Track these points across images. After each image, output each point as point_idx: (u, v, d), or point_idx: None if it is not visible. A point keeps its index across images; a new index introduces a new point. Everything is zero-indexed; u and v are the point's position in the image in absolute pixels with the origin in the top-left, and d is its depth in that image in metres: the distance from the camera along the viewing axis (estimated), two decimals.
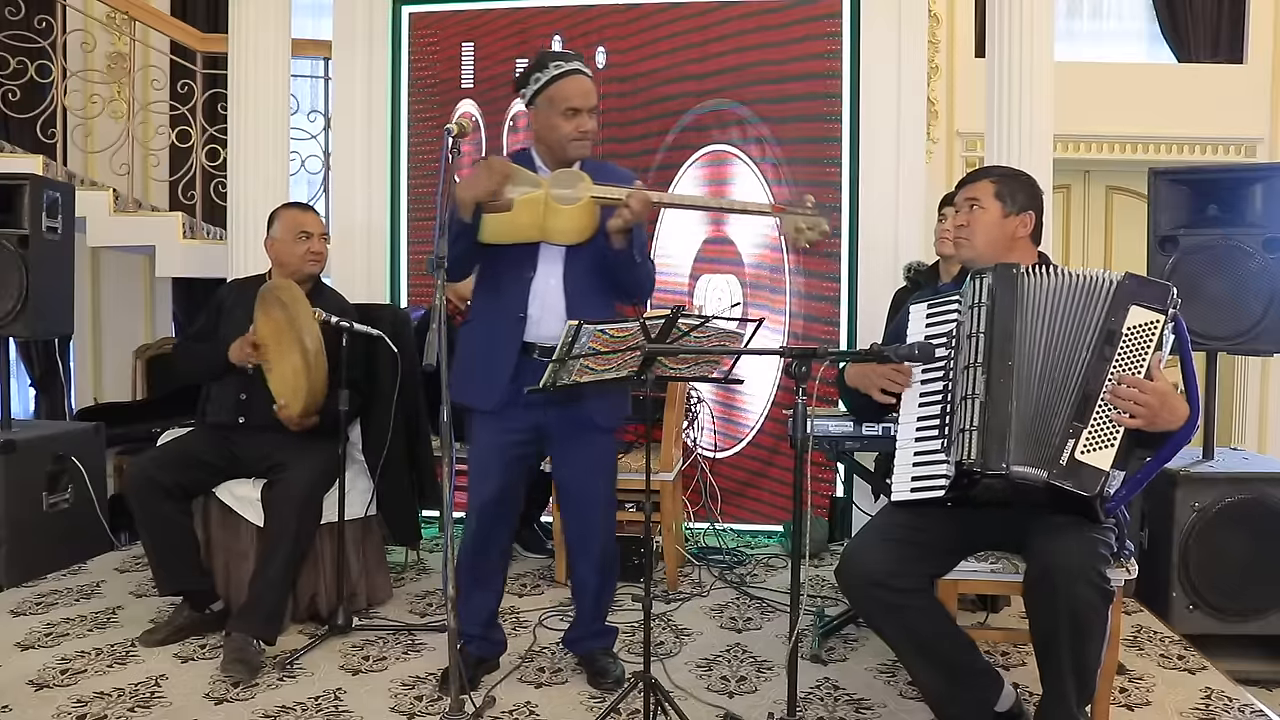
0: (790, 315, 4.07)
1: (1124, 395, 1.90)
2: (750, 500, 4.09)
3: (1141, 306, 1.95)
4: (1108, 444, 1.90)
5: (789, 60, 4.05)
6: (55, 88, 5.03)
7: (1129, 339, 1.94)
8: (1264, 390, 5.99)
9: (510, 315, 2.43)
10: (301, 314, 2.77)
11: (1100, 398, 1.92)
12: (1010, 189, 2.20)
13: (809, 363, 1.92)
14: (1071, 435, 1.91)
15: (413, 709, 2.41)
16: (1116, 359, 1.93)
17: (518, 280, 2.43)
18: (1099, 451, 1.90)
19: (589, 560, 2.58)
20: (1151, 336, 1.93)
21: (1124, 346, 1.93)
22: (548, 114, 2.38)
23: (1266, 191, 3.08)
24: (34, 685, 2.52)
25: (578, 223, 2.36)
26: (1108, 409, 1.91)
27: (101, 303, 6.05)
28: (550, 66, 2.39)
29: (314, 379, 2.77)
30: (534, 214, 2.35)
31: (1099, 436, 1.91)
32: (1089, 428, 1.91)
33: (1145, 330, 1.94)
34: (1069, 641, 1.89)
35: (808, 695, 2.48)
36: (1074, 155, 5.94)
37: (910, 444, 2.08)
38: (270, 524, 2.78)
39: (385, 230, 4.36)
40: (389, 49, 4.34)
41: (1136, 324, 1.94)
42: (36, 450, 3.53)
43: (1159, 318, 1.94)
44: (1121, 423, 1.90)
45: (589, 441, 2.51)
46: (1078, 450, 1.90)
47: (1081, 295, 2.01)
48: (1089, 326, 1.97)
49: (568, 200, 2.34)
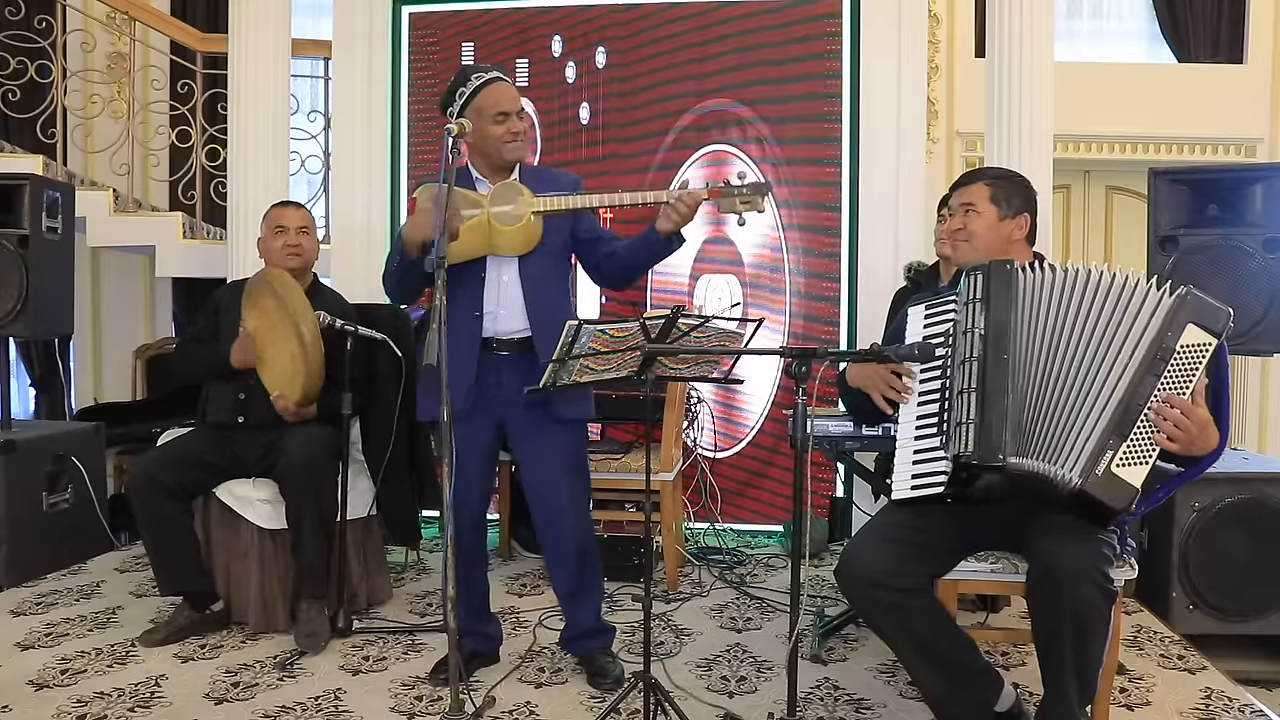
0: (790, 315, 4.07)
1: (1168, 417, 1.86)
2: (750, 500, 4.09)
3: (1199, 327, 1.89)
4: (1143, 461, 1.86)
5: (789, 60, 4.04)
6: (55, 88, 5.03)
7: (1180, 358, 1.88)
8: (1264, 390, 6.00)
9: (467, 316, 2.45)
10: (296, 300, 2.76)
11: (1143, 414, 1.88)
12: (1005, 192, 2.19)
13: (809, 363, 1.92)
14: (1110, 448, 1.87)
15: (413, 709, 2.41)
16: (1165, 377, 1.88)
17: (471, 281, 2.46)
18: (1134, 468, 1.86)
19: (563, 564, 2.56)
20: (1202, 359, 1.88)
21: (1174, 365, 1.88)
22: (478, 123, 2.43)
23: (1266, 191, 3.08)
24: (34, 685, 2.52)
25: (521, 238, 2.43)
26: (1150, 427, 1.87)
27: (101, 303, 6.05)
28: (472, 79, 2.46)
29: (311, 365, 2.77)
30: (479, 235, 2.41)
31: (1136, 453, 1.87)
32: (1128, 442, 1.87)
33: (1197, 352, 1.88)
34: (1072, 641, 1.88)
35: (808, 695, 2.48)
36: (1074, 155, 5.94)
37: (910, 442, 2.08)
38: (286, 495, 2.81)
39: (385, 230, 4.36)
40: (389, 49, 4.34)
41: (1191, 343, 1.88)
42: (36, 450, 3.53)
43: (1213, 341, 1.89)
44: (1159, 443, 1.87)
45: (550, 436, 2.50)
46: (1114, 463, 1.86)
47: (1109, 296, 1.96)
48: (1130, 334, 1.92)
49: (509, 218, 2.40)
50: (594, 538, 2.61)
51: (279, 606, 2.91)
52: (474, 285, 2.47)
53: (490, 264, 2.47)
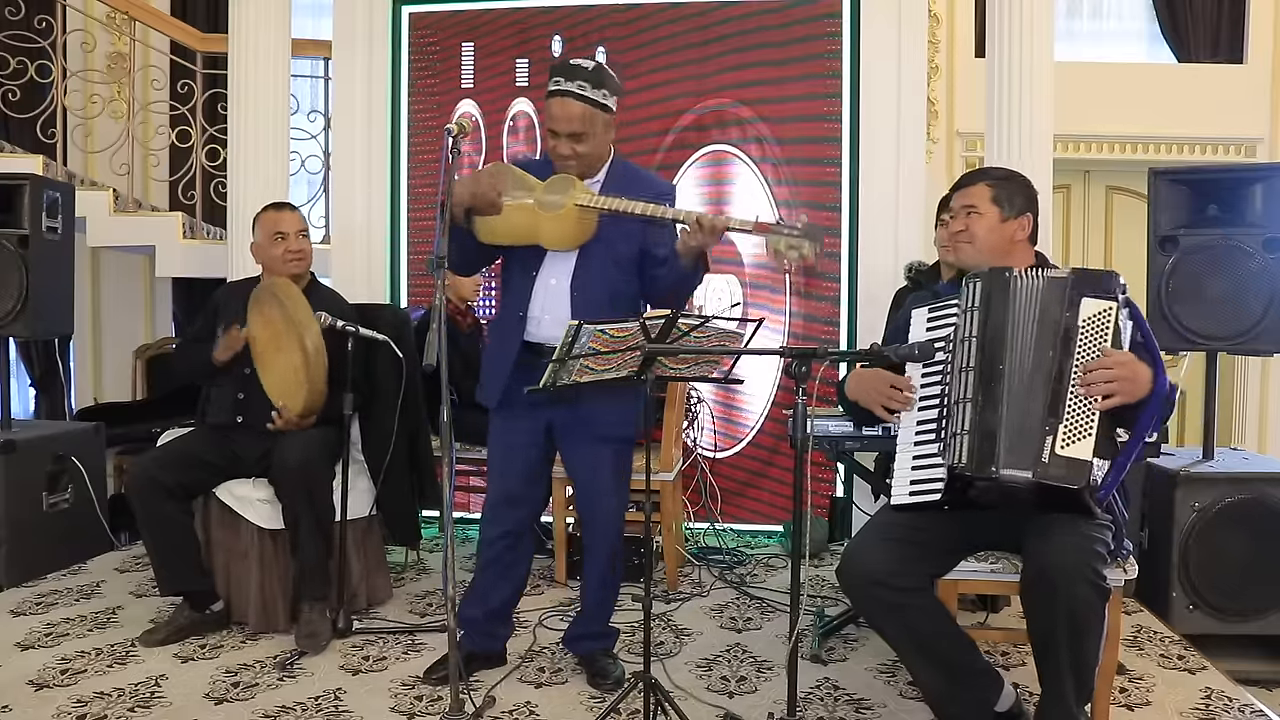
0: (790, 315, 4.07)
1: (1095, 379, 1.91)
2: (750, 500, 4.09)
3: (1093, 297, 1.97)
4: (1085, 434, 1.91)
5: (789, 60, 4.05)
6: (55, 88, 5.03)
7: (1086, 330, 1.96)
8: (1264, 390, 5.99)
9: (512, 314, 2.48)
10: (300, 312, 2.76)
11: (1070, 390, 1.93)
12: (1007, 192, 2.19)
13: (809, 363, 1.92)
14: (1049, 432, 1.92)
15: (413, 709, 2.41)
16: (1079, 352, 1.95)
17: (524, 279, 2.47)
18: (1078, 443, 1.91)
19: (595, 559, 2.58)
20: (1107, 323, 1.95)
21: (1083, 338, 1.95)
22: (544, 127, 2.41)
23: (1266, 191, 3.08)
24: (34, 685, 2.52)
25: (563, 229, 2.37)
26: (1080, 400, 1.92)
27: (101, 303, 6.05)
28: (550, 81, 2.38)
29: (314, 378, 2.77)
30: (525, 218, 2.37)
31: (1075, 428, 1.92)
32: (1064, 422, 1.92)
33: (1100, 319, 1.96)
34: (1067, 641, 1.89)
35: (808, 695, 2.48)
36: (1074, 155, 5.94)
37: (909, 447, 2.08)
38: (282, 498, 2.81)
39: (385, 230, 4.36)
40: (389, 49, 4.34)
41: (1091, 314, 1.96)
42: (36, 450, 3.53)
43: (1110, 305, 1.96)
44: (1099, 407, 1.91)
45: (591, 447, 2.51)
46: (1057, 445, 1.91)
47: (1046, 295, 2.02)
48: (1052, 325, 1.99)
49: (551, 206, 2.36)
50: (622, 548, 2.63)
51: (279, 606, 2.91)
52: (523, 285, 2.46)
53: (545, 265, 2.44)
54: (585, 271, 2.43)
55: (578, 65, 2.36)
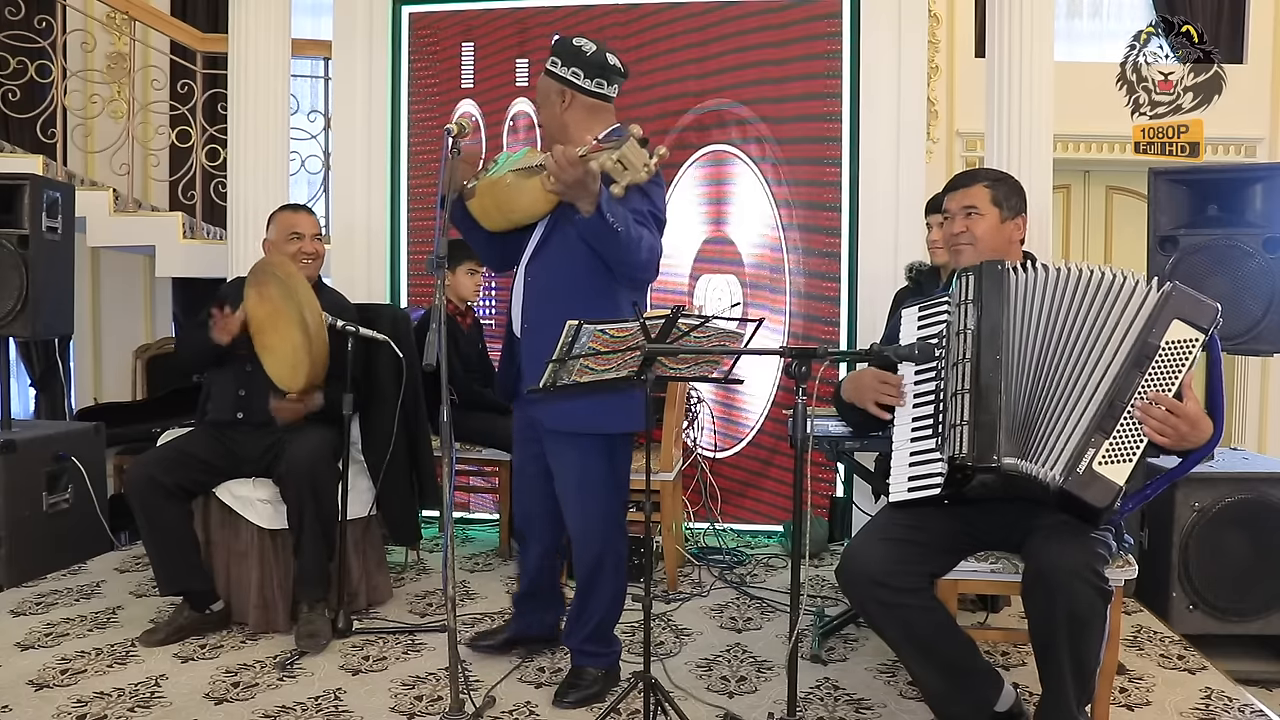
0: (790, 315, 4.07)
1: (1155, 415, 1.85)
2: (750, 500, 4.09)
3: (1185, 323, 1.88)
4: (1127, 458, 1.86)
5: (789, 60, 4.05)
6: (55, 88, 5.03)
7: (1165, 354, 1.88)
8: (1264, 390, 6.00)
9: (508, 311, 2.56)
10: (300, 289, 2.75)
11: (1127, 411, 1.87)
12: (1005, 193, 2.20)
13: (809, 363, 1.91)
14: (1092, 445, 1.87)
15: (413, 709, 2.41)
16: (1149, 374, 1.88)
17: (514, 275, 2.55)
18: (1117, 465, 1.86)
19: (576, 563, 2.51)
20: (1188, 354, 1.88)
21: (1159, 361, 1.88)
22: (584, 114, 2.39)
23: (1266, 191, 3.09)
24: (34, 685, 2.52)
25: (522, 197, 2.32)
26: (1134, 424, 1.87)
27: (101, 303, 6.05)
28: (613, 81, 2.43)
29: (315, 354, 2.75)
30: (492, 195, 2.39)
31: (1120, 450, 1.86)
32: (1111, 439, 1.87)
33: (1183, 347, 1.88)
34: (1068, 642, 1.89)
35: (808, 695, 2.48)
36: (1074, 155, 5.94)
37: (906, 445, 2.08)
38: (287, 497, 2.81)
39: (385, 230, 4.36)
40: (389, 49, 4.34)
41: (1176, 340, 1.88)
42: (36, 450, 3.53)
43: (1199, 336, 1.88)
44: (1147, 438, 1.86)
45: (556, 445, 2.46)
46: (1096, 460, 1.86)
47: (1098, 294, 1.96)
48: (1115, 331, 1.92)
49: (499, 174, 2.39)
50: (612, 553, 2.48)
51: (279, 607, 2.91)
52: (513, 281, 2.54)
53: (524, 260, 2.49)
54: (541, 256, 2.44)
55: (558, 40, 2.47)
